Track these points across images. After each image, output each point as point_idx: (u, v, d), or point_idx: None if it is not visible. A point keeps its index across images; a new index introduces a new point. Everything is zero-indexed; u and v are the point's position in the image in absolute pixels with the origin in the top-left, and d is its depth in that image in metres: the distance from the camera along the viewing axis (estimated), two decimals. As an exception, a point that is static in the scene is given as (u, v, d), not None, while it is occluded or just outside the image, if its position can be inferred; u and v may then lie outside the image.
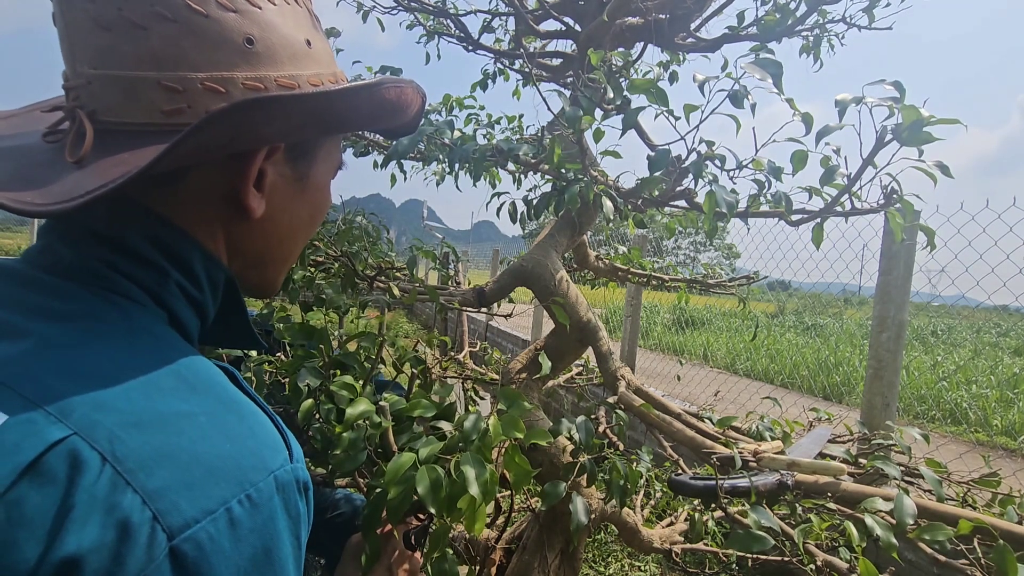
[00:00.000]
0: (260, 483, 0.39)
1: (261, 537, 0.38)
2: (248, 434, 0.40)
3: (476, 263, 13.69)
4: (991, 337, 11.01)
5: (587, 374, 2.11)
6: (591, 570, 2.73)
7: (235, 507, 0.37)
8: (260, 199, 0.49)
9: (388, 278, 1.58)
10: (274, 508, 0.39)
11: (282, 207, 0.52)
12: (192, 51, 0.42)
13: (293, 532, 0.41)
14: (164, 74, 0.42)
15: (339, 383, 0.98)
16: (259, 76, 0.45)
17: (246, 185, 0.48)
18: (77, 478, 0.33)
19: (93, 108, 0.43)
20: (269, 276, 0.57)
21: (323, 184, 0.56)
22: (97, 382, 0.36)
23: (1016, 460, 4.20)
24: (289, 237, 0.55)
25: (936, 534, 0.90)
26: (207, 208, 0.48)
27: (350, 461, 0.89)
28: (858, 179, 1.14)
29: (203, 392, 0.41)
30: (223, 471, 0.37)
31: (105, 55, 0.42)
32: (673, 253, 31.68)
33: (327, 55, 0.52)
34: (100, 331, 0.40)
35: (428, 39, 2.18)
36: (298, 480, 0.42)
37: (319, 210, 0.57)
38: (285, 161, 0.51)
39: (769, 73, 1.00)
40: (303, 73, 0.48)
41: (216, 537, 0.35)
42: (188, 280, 0.47)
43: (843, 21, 1.74)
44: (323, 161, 0.55)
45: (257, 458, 0.39)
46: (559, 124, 1.56)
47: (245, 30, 0.44)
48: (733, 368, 7.09)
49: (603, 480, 1.19)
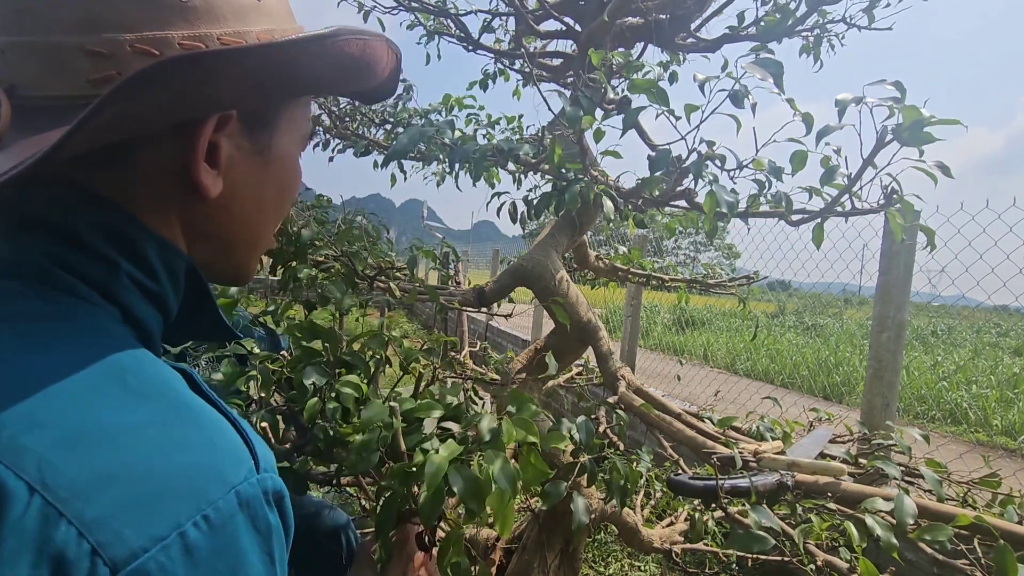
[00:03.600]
0: (219, 501, 0.35)
1: (224, 560, 0.34)
2: (205, 446, 0.36)
3: (476, 263, 13.73)
4: (991, 337, 11.01)
5: (587, 374, 2.11)
6: (591, 570, 2.73)
7: (190, 531, 0.33)
8: (216, 176, 0.44)
9: (388, 278, 1.58)
10: (236, 527, 0.35)
11: (244, 184, 0.47)
12: (119, 10, 0.38)
13: (264, 549, 0.37)
14: (88, 38, 0.37)
15: (344, 382, 0.98)
16: (198, 34, 0.40)
17: (196, 161, 0.43)
18: (1, 513, 0.29)
19: (12, 82, 0.38)
20: (238, 261, 0.52)
21: (289, 156, 0.51)
22: (26, 396, 0.32)
23: (1016, 460, 4.20)
24: (256, 217, 0.50)
25: (936, 534, 0.90)
26: (159, 190, 0.43)
27: (363, 462, 0.89)
28: (858, 179, 1.14)
29: (152, 400, 0.36)
30: (175, 491, 0.33)
31: (20, 20, 0.38)
32: (673, 253, 31.70)
33: (282, 10, 0.47)
34: (34, 335, 0.36)
35: (428, 39, 2.18)
36: (267, 491, 0.38)
37: (288, 186, 0.52)
38: (242, 132, 0.46)
39: (770, 73, 1.00)
40: (251, 29, 0.43)
41: (168, 566, 0.31)
42: (142, 271, 0.43)
43: (843, 21, 1.74)
44: (287, 131, 0.50)
45: (215, 472, 0.36)
46: (559, 124, 1.56)
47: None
48: (733, 368, 7.09)
49: (603, 480, 1.19)
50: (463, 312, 1.72)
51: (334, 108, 2.35)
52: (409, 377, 1.18)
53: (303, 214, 1.52)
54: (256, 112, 0.47)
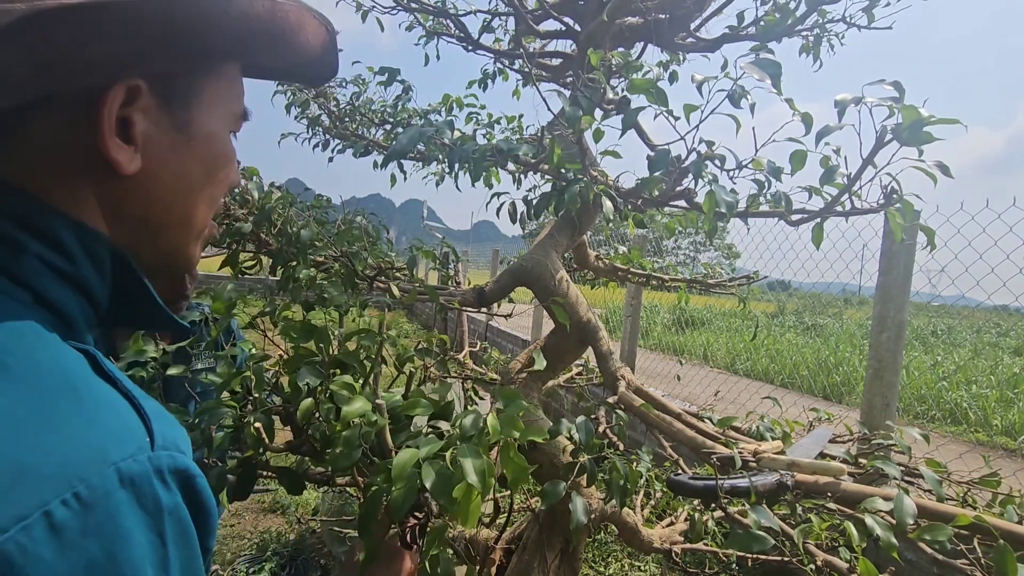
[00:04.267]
0: (93, 479, 0.32)
1: (99, 540, 0.32)
2: (83, 425, 0.34)
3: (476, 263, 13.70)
4: (991, 337, 11.01)
5: (587, 374, 2.11)
6: (591, 570, 2.73)
7: (57, 509, 0.30)
8: (131, 152, 0.42)
9: (388, 278, 1.58)
10: (115, 505, 0.33)
11: (164, 162, 0.45)
12: None
13: (153, 529, 0.35)
14: None
15: (339, 383, 0.98)
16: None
17: (104, 134, 0.40)
18: None
19: None
20: (168, 246, 0.49)
21: (216, 133, 0.49)
22: None
23: (1016, 460, 4.20)
24: (182, 197, 0.48)
25: (936, 534, 0.90)
26: (64, 167, 0.41)
27: (345, 459, 0.89)
28: (858, 179, 1.14)
29: (28, 380, 0.34)
30: (42, 469, 0.31)
31: None
32: (673, 253, 31.69)
33: None
34: None
35: (428, 39, 2.18)
36: (160, 469, 0.36)
37: (216, 165, 0.50)
38: (158, 107, 0.44)
39: (768, 74, 1.00)
40: None
41: (30, 548, 0.29)
42: (54, 252, 0.40)
43: (843, 21, 1.74)
44: (210, 105, 0.48)
45: (93, 450, 0.33)
46: (559, 124, 1.56)
47: None
48: (733, 368, 7.09)
49: (603, 480, 1.19)
50: (463, 312, 1.72)
51: (333, 108, 2.35)
52: (405, 377, 1.18)
53: (303, 214, 1.52)
54: (170, 83, 0.44)
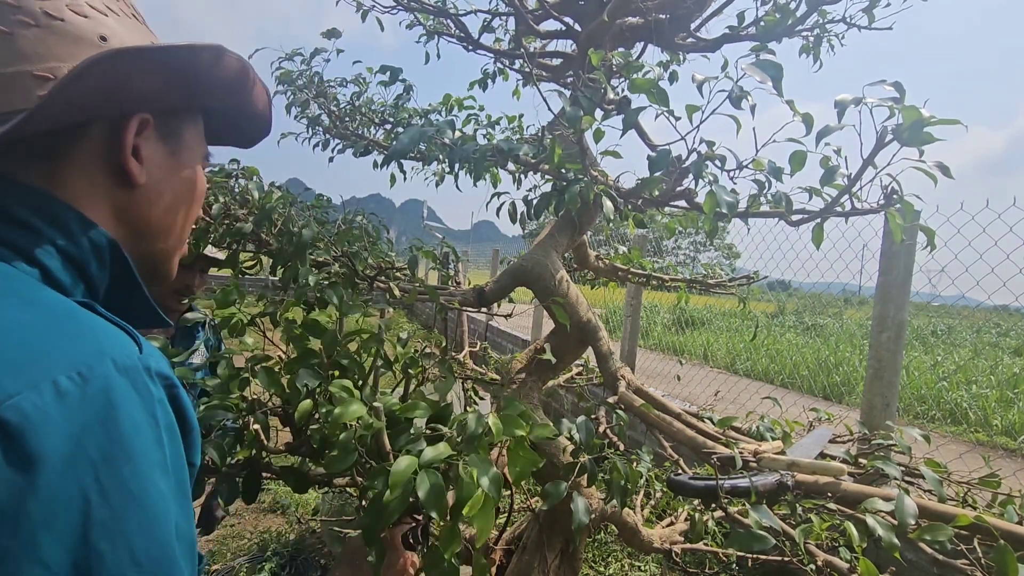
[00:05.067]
0: (94, 364, 0.39)
1: (94, 406, 0.38)
2: (87, 332, 0.42)
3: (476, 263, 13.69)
4: (991, 337, 11.01)
5: (587, 374, 2.11)
6: (591, 570, 2.73)
7: (62, 380, 0.37)
8: (140, 168, 0.55)
9: (388, 278, 1.58)
10: (111, 384, 0.39)
11: (161, 177, 0.58)
12: (57, 47, 0.50)
13: (145, 409, 0.41)
14: (36, 66, 0.48)
15: (338, 385, 0.98)
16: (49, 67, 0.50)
17: (124, 154, 0.53)
18: None
19: None
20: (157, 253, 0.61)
21: (192, 164, 0.62)
22: None
23: (1016, 460, 4.20)
24: (173, 207, 0.60)
25: (936, 534, 0.90)
26: (87, 177, 0.52)
27: (341, 462, 0.88)
28: (858, 179, 1.14)
29: (45, 305, 0.42)
30: (52, 353, 0.38)
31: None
32: (673, 253, 31.69)
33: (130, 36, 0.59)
34: None
35: (428, 39, 2.18)
36: (148, 368, 0.43)
37: (197, 188, 0.63)
38: (156, 138, 0.57)
39: (768, 75, 1.00)
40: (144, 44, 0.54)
41: (40, 405, 0.36)
42: (65, 238, 0.50)
43: (843, 21, 1.74)
44: (189, 142, 0.61)
45: (92, 346, 0.40)
46: (559, 124, 1.56)
47: (98, 31, 0.52)
48: (733, 368, 7.09)
49: (603, 480, 1.19)
50: (463, 312, 1.72)
51: (334, 108, 2.34)
52: (404, 379, 1.18)
53: (303, 214, 1.52)
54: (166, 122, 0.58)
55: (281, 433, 1.13)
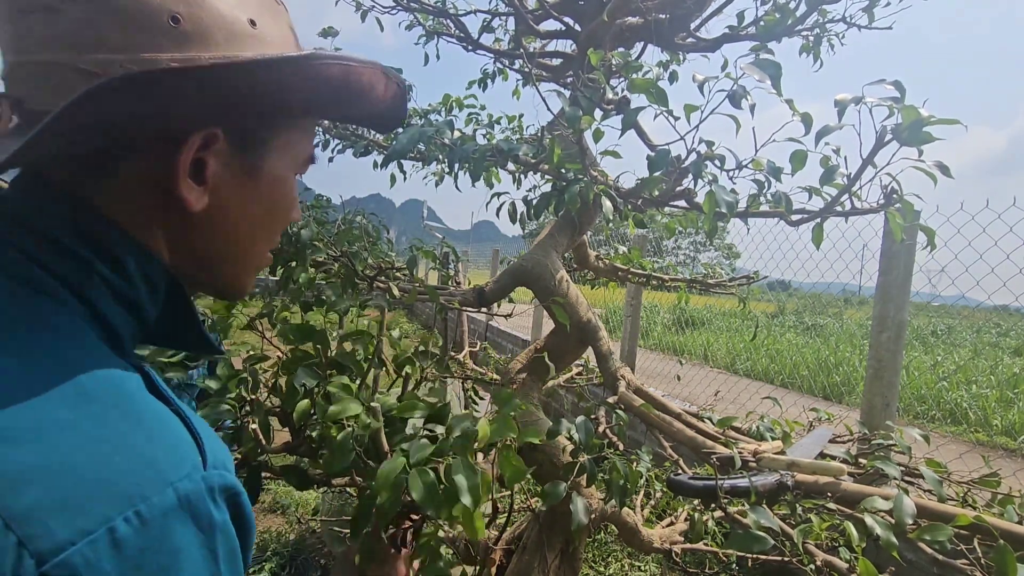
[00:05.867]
0: (153, 497, 0.35)
1: (156, 556, 0.34)
2: (144, 442, 0.36)
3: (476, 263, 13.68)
4: (991, 337, 11.00)
5: (587, 374, 2.11)
6: (591, 570, 2.73)
7: (120, 525, 0.33)
8: (200, 192, 0.45)
9: (388, 278, 1.58)
10: (172, 523, 0.35)
11: (229, 202, 0.48)
12: (110, 31, 0.40)
13: (206, 546, 0.37)
14: (82, 57, 0.39)
15: (335, 384, 0.98)
16: (187, 57, 0.41)
17: (179, 175, 0.43)
18: None
19: (19, 96, 0.41)
20: (226, 277, 0.52)
21: (281, 177, 0.51)
22: None
23: (1016, 460, 4.20)
24: (243, 235, 0.50)
25: (936, 534, 0.90)
26: (143, 199, 0.44)
27: (338, 462, 0.89)
28: (858, 179, 1.14)
29: (98, 398, 0.37)
30: (107, 485, 0.33)
31: (23, 40, 0.41)
32: (673, 253, 31.69)
33: (281, 38, 0.47)
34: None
35: (428, 39, 2.18)
36: (212, 488, 0.38)
37: (279, 207, 0.52)
38: (230, 151, 0.46)
39: (768, 75, 1.00)
40: (242, 54, 0.44)
41: (94, 561, 0.31)
42: (117, 274, 0.43)
43: (843, 21, 1.74)
44: (280, 152, 0.50)
45: (153, 470, 0.36)
46: (559, 124, 1.56)
47: (169, 7, 0.41)
48: (733, 368, 7.09)
49: (603, 480, 1.19)
50: (463, 312, 1.72)
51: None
52: (402, 379, 1.18)
53: (303, 214, 1.52)
54: (246, 132, 0.47)
55: (281, 433, 1.13)
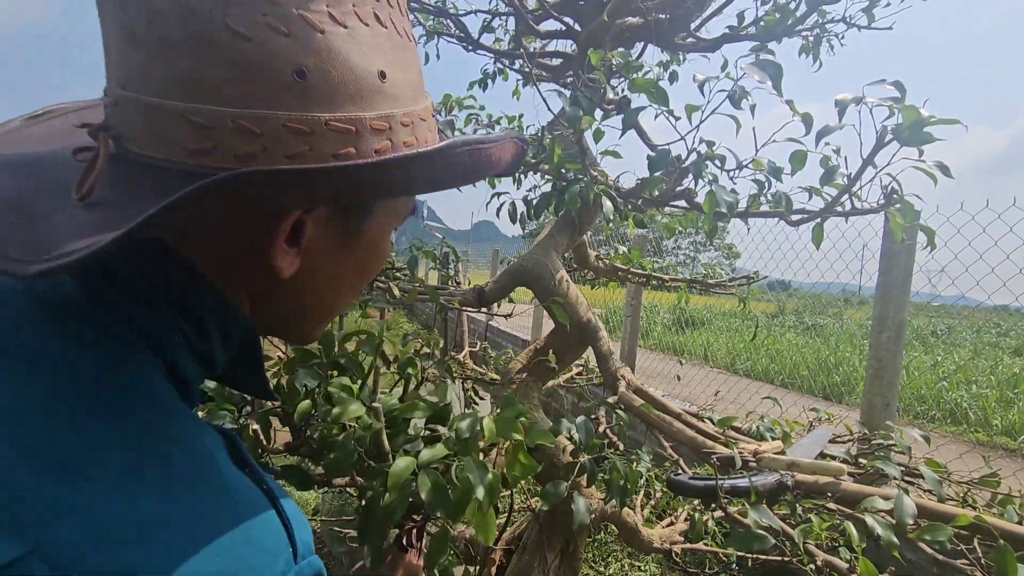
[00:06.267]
0: None
1: None
2: (242, 540, 0.35)
3: (476, 263, 13.67)
4: (991, 337, 11.00)
5: (587, 374, 2.11)
6: (591, 570, 2.73)
7: None
8: (293, 257, 0.42)
9: (388, 278, 1.58)
10: None
11: (322, 265, 0.44)
12: (226, 81, 0.36)
13: None
14: (192, 106, 0.36)
15: (337, 384, 0.98)
16: (305, 118, 0.37)
17: (274, 243, 0.40)
18: None
19: (119, 132, 0.38)
20: (302, 331, 0.51)
21: (380, 237, 0.48)
22: (69, 477, 0.31)
23: (1016, 460, 4.20)
24: (330, 295, 0.48)
25: (936, 534, 0.90)
26: (233, 259, 0.42)
27: (341, 462, 0.89)
28: (858, 179, 1.14)
29: (193, 484, 0.35)
30: None
31: (133, 75, 0.37)
32: (673, 253, 31.70)
33: (408, 87, 0.43)
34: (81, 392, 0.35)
35: (428, 39, 2.18)
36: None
37: (371, 265, 0.50)
38: (332, 217, 0.43)
39: (768, 75, 1.00)
40: (366, 115, 0.39)
41: None
42: (195, 330, 0.42)
43: (843, 21, 1.75)
44: (383, 215, 0.47)
45: (253, 572, 0.34)
46: (559, 124, 1.56)
47: (297, 59, 0.36)
48: (733, 368, 7.09)
49: (603, 480, 1.19)
50: (463, 312, 1.72)
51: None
52: (403, 379, 1.18)
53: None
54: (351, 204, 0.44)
55: (281, 433, 1.13)
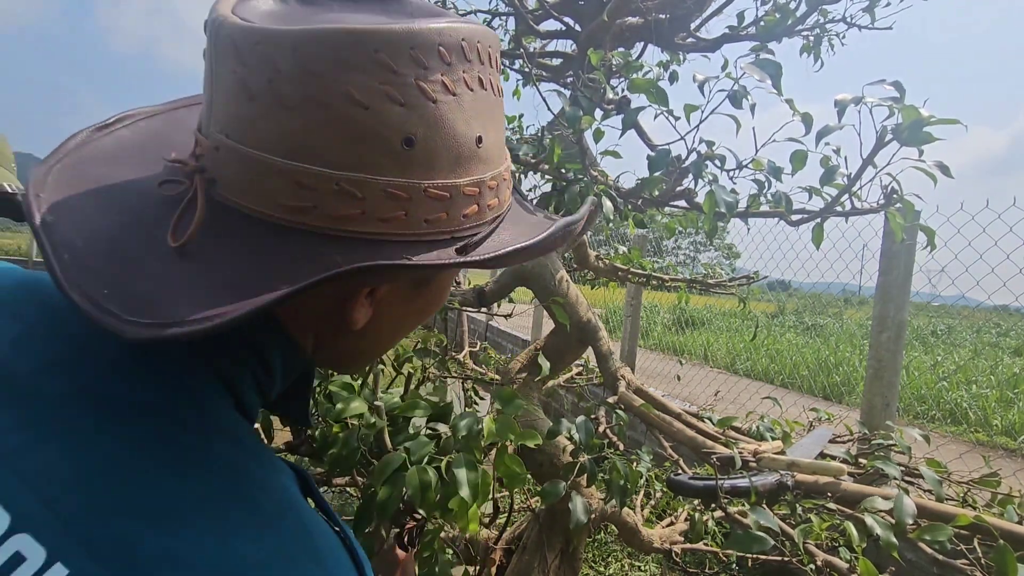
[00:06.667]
0: None
1: None
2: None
3: (476, 263, 13.71)
4: (991, 337, 10.99)
5: (587, 374, 2.11)
6: (591, 570, 2.73)
7: None
8: (368, 308, 0.43)
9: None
10: None
11: (391, 313, 0.46)
12: (335, 144, 0.36)
13: None
14: (297, 165, 0.36)
15: (338, 383, 0.98)
16: (406, 184, 0.38)
17: (358, 301, 0.42)
18: None
19: (214, 177, 0.38)
20: (358, 365, 0.53)
21: (444, 286, 0.50)
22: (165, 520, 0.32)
23: (1016, 460, 4.20)
24: (389, 337, 0.50)
25: (936, 534, 0.90)
26: (313, 309, 0.43)
27: (344, 460, 0.89)
28: (858, 179, 1.14)
29: (277, 526, 0.36)
30: None
31: (241, 126, 0.37)
32: (673, 253, 31.71)
33: (497, 148, 0.44)
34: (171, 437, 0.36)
35: (428, 39, 2.18)
36: None
37: (432, 309, 0.50)
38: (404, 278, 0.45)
39: (768, 74, 1.00)
40: (460, 181, 0.40)
41: None
42: (262, 369, 0.43)
43: (843, 21, 1.75)
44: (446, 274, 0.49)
45: None
46: (559, 124, 1.56)
47: (408, 129, 0.37)
48: (733, 368, 7.09)
49: (603, 480, 1.19)
50: (463, 312, 1.72)
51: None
52: (403, 378, 1.18)
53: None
54: None
55: (282, 433, 1.13)
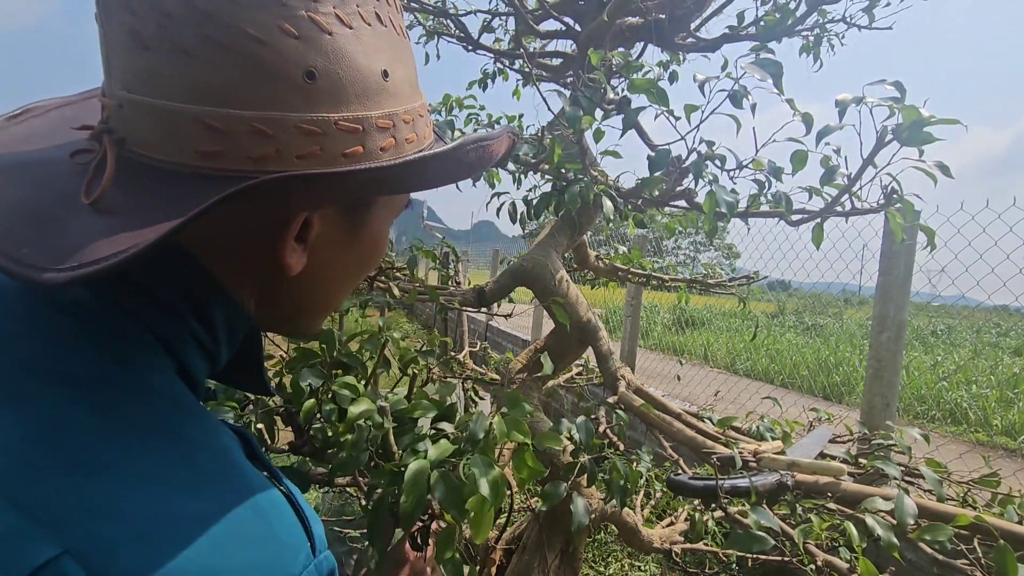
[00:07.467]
0: None
1: None
2: (266, 539, 0.37)
3: (476, 263, 13.72)
4: (991, 337, 11.00)
5: (587, 374, 2.11)
6: (591, 570, 2.73)
7: None
8: (301, 253, 0.43)
9: (388, 278, 1.58)
10: None
11: (328, 260, 0.46)
12: (241, 84, 0.36)
13: None
14: (205, 109, 0.36)
15: (341, 383, 0.98)
16: (316, 119, 0.38)
17: (285, 241, 0.41)
18: None
19: (123, 136, 0.38)
20: (305, 325, 0.52)
21: (381, 230, 0.50)
22: (100, 478, 0.32)
23: (1016, 460, 4.20)
24: (332, 289, 0.50)
25: (936, 534, 0.90)
26: (241, 254, 0.42)
27: (352, 462, 0.89)
28: (858, 179, 1.14)
29: (218, 483, 0.36)
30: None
31: (141, 78, 0.37)
32: (673, 253, 31.71)
33: (407, 84, 0.44)
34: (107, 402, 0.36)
35: (428, 39, 2.18)
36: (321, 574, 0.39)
37: (372, 257, 0.51)
38: (337, 213, 0.44)
39: (769, 73, 1.00)
40: (371, 114, 0.41)
41: None
42: (204, 329, 0.43)
43: (843, 21, 1.75)
44: (384, 207, 0.49)
45: (278, 566, 0.36)
46: (559, 124, 1.56)
47: (307, 61, 0.37)
48: (733, 368, 7.09)
49: (603, 480, 1.19)
50: (463, 312, 1.72)
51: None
52: (407, 378, 1.18)
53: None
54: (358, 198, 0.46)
55: (283, 433, 1.13)
